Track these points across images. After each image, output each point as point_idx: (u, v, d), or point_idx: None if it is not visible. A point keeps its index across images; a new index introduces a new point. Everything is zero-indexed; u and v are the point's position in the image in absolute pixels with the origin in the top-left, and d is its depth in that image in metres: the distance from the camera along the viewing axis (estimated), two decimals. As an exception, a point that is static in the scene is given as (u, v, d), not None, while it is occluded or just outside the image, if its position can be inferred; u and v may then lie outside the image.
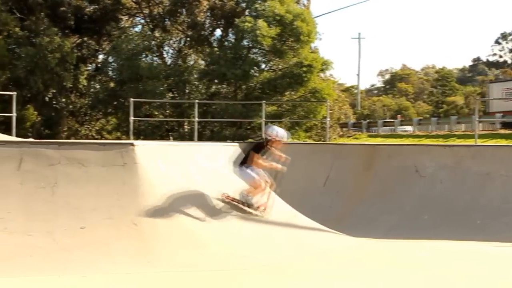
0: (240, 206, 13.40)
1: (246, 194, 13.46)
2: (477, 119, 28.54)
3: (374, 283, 9.84)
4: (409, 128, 60.15)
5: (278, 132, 13.76)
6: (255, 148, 13.66)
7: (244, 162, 13.53)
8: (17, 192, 10.99)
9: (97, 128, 46.91)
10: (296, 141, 34.60)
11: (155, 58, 44.09)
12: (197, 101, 27.53)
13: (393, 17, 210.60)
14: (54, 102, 41.44)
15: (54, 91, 40.83)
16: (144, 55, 42.23)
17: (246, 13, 41.75)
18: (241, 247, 11.73)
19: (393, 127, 62.06)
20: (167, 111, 41.81)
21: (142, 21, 46.97)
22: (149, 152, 12.49)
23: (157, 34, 43.67)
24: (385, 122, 68.36)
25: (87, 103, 44.24)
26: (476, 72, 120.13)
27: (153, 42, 43.22)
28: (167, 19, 44.18)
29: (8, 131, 23.94)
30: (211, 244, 11.51)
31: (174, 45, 45.17)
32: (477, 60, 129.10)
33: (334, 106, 43.21)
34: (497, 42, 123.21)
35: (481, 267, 11.18)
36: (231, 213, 12.94)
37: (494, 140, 39.21)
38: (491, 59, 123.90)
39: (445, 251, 12.63)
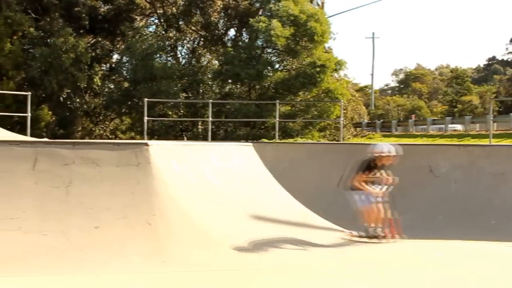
0: (367, 240, 12.97)
1: (367, 226, 12.96)
2: (492, 118, 28.41)
3: (388, 283, 9.82)
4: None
5: (384, 147, 13.21)
6: (361, 168, 12.99)
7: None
8: (32, 192, 11.04)
9: (111, 128, 47.09)
10: (309, 140, 34.60)
11: (169, 58, 44.20)
12: (211, 101, 27.56)
13: (408, 16, 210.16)
14: (68, 102, 41.57)
15: (69, 91, 40.97)
16: (158, 55, 42.34)
17: (260, 13, 41.79)
18: (255, 247, 11.74)
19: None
20: (181, 111, 41.85)
21: (156, 21, 47.11)
22: (163, 152, 12.52)
23: (171, 34, 43.73)
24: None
25: (101, 103, 44.35)
26: (491, 71, 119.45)
27: (167, 42, 43.30)
28: (181, 19, 44.25)
29: (23, 131, 24.10)
30: (225, 244, 11.52)
31: (188, 45, 45.27)
32: (492, 59, 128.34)
33: (347, 106, 43.13)
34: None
35: (495, 267, 11.15)
36: (245, 213, 12.95)
37: (509, 140, 38.98)
38: (506, 58, 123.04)
39: (459, 251, 12.59)
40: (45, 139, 19.77)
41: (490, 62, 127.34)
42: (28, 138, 19.22)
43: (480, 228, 14.32)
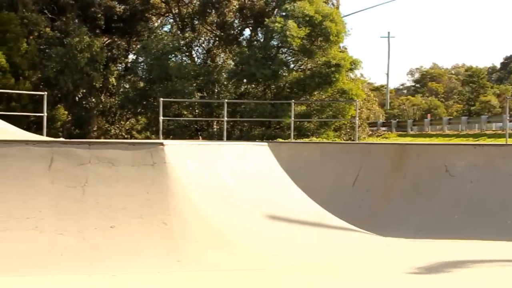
0: None
1: None
2: (508, 118, 28.28)
3: (404, 283, 9.80)
4: None
5: None
6: None
7: None
8: (48, 191, 11.09)
9: (127, 127, 47.17)
10: (325, 140, 34.56)
11: (184, 58, 44.23)
12: (226, 100, 27.59)
13: (424, 15, 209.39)
14: (84, 101, 41.73)
15: (84, 90, 41.14)
16: (173, 55, 42.36)
17: (275, 12, 41.76)
18: (270, 247, 11.74)
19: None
20: (196, 111, 41.90)
21: (172, 21, 47.21)
22: (178, 152, 12.54)
23: (186, 34, 43.78)
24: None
25: (116, 103, 44.46)
26: (507, 70, 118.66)
27: (182, 42, 43.34)
28: (196, 19, 44.29)
29: (39, 131, 24.20)
30: (240, 243, 11.53)
31: (203, 45, 45.30)
32: (509, 58, 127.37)
33: (362, 106, 43.01)
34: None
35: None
36: (260, 213, 12.94)
37: (526, 139, 38.69)
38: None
39: (475, 251, 12.54)
40: (61, 139, 19.84)
41: (507, 61, 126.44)
42: (44, 137, 19.29)
43: (496, 228, 14.26)
